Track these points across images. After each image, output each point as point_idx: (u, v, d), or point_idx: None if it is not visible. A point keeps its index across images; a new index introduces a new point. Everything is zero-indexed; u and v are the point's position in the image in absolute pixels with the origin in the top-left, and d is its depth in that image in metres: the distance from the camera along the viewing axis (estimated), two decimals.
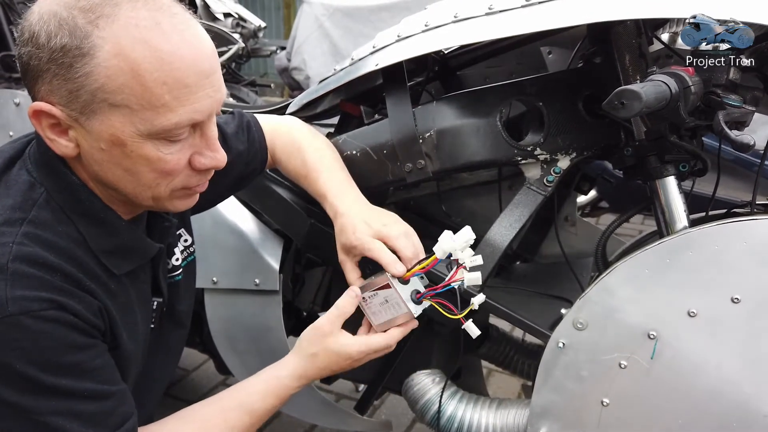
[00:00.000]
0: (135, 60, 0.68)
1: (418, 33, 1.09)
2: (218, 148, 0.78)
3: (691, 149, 0.96)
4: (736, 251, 0.86)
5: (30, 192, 0.76)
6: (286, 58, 4.74)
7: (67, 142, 0.74)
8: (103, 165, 0.75)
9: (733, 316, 0.86)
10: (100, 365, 0.76)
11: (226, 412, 0.89)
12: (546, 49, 1.30)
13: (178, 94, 0.70)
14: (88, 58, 0.68)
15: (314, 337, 0.94)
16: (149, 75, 0.68)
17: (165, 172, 0.75)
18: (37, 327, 0.69)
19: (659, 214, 1.01)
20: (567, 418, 0.99)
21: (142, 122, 0.70)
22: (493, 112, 1.10)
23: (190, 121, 0.73)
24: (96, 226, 0.78)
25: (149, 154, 0.73)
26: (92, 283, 0.76)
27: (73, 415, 0.73)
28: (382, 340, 0.94)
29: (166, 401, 1.09)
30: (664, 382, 0.91)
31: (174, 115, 0.71)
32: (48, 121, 0.73)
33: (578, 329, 0.95)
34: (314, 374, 0.94)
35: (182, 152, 0.75)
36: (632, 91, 0.74)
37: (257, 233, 1.31)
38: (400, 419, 2.03)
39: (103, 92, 0.69)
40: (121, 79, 0.68)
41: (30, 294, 0.69)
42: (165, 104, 0.70)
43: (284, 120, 1.19)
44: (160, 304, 0.93)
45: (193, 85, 0.71)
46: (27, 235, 0.72)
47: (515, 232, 1.08)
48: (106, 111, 0.70)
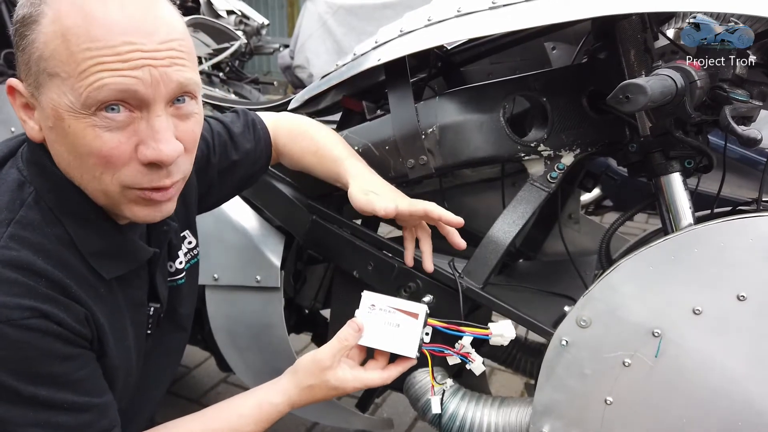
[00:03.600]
0: (66, 25, 0.65)
1: (420, 28, 1.08)
2: (164, 140, 0.69)
3: (696, 145, 0.95)
4: (742, 248, 0.85)
5: (19, 191, 0.74)
6: (289, 56, 4.73)
7: (33, 124, 0.72)
8: (54, 147, 0.72)
9: (739, 314, 0.85)
10: (83, 376, 0.73)
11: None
12: (550, 45, 1.29)
13: (103, 59, 0.65)
14: (35, 26, 0.67)
15: (314, 370, 0.91)
16: (75, 39, 0.65)
17: (102, 155, 0.68)
18: (17, 336, 0.66)
19: (664, 211, 1.00)
20: (570, 416, 0.98)
21: (71, 91, 0.66)
22: (496, 107, 1.09)
23: (116, 88, 0.65)
24: (84, 226, 0.75)
25: (85, 131, 0.67)
26: (79, 288, 0.73)
27: (51, 427, 0.70)
28: (378, 378, 0.92)
29: (168, 399, 1.09)
30: (668, 380, 0.90)
31: (97, 82, 0.65)
32: (20, 100, 0.71)
33: (581, 327, 0.94)
34: (307, 403, 0.92)
35: (123, 136, 0.68)
36: (637, 85, 0.73)
37: (258, 230, 1.31)
38: (402, 417, 2.02)
39: (42, 60, 0.67)
40: (53, 45, 0.66)
41: (11, 301, 0.66)
42: (87, 69, 0.65)
43: (285, 114, 1.19)
44: (158, 310, 0.90)
45: (125, 52, 0.65)
46: (13, 237, 0.70)
47: (518, 228, 1.07)
48: (47, 82, 0.67)
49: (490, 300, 1.05)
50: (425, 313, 0.92)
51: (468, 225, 1.46)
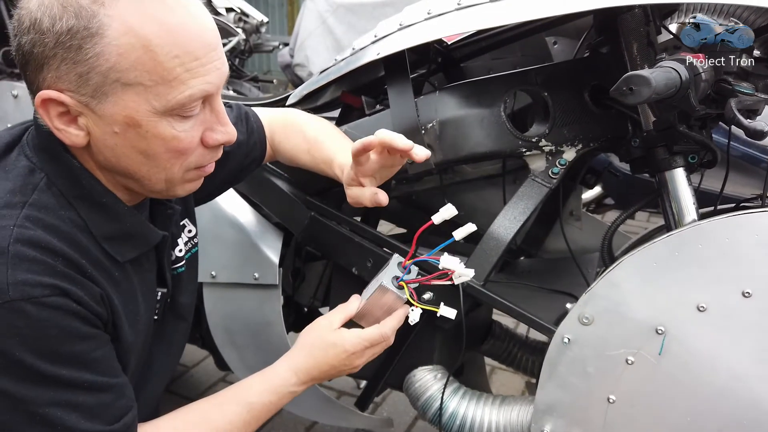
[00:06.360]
0: (145, 35, 0.67)
1: (420, 21, 1.07)
2: (228, 122, 0.78)
3: (700, 139, 0.94)
4: (747, 244, 0.83)
5: (30, 177, 0.74)
6: (289, 54, 4.71)
7: (77, 131, 0.72)
8: (116, 150, 0.73)
9: (745, 310, 0.84)
10: (100, 356, 0.74)
11: (223, 405, 0.89)
12: (551, 40, 1.27)
13: (190, 66, 0.69)
14: (98, 38, 0.66)
15: (311, 330, 0.95)
16: (161, 49, 0.67)
17: (179, 150, 0.74)
18: (38, 314, 0.67)
19: (667, 207, 0.99)
20: (572, 415, 0.96)
21: (157, 98, 0.69)
22: (497, 102, 1.08)
23: (202, 93, 0.72)
24: (97, 210, 0.76)
25: (164, 133, 0.72)
26: (95, 269, 0.74)
27: (72, 406, 0.71)
28: (375, 329, 0.93)
29: (166, 397, 1.08)
30: (672, 378, 0.89)
31: (187, 88, 0.70)
32: (57, 110, 0.71)
33: (584, 324, 0.93)
34: (310, 366, 0.93)
35: (195, 129, 0.75)
36: (641, 77, 0.72)
37: (256, 226, 1.29)
38: (402, 416, 2.01)
39: (115, 72, 0.67)
40: (134, 56, 0.67)
41: (32, 279, 0.67)
42: (177, 77, 0.69)
43: (281, 110, 1.18)
44: (164, 294, 0.91)
45: (203, 56, 0.70)
46: (28, 218, 0.70)
47: (519, 225, 1.06)
48: (119, 91, 0.69)
49: (491, 297, 1.04)
50: (394, 257, 0.97)
51: (469, 222, 1.45)
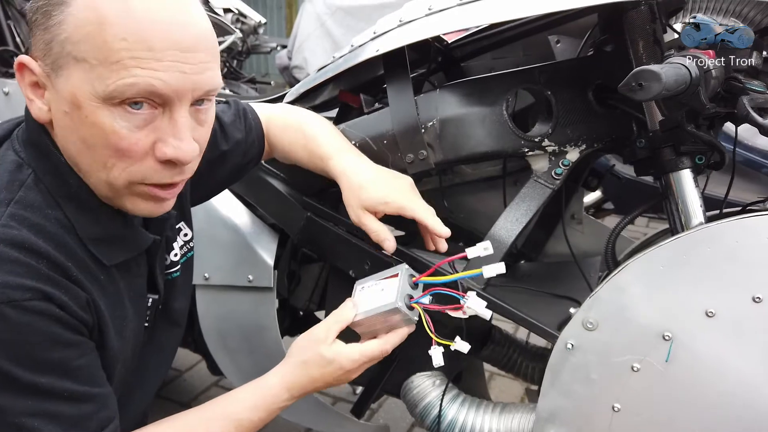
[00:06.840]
0: (103, 12, 0.64)
1: (420, 17, 1.04)
2: (185, 138, 0.69)
3: (708, 140, 0.91)
4: (757, 247, 0.81)
5: (17, 172, 0.72)
6: (287, 57, 4.70)
7: (42, 104, 0.70)
8: (65, 132, 0.70)
9: (755, 316, 0.81)
10: (83, 364, 0.71)
11: (210, 421, 0.84)
12: (554, 39, 1.25)
13: (138, 54, 0.63)
14: (64, 6, 0.65)
15: (306, 344, 0.89)
16: (111, 28, 0.63)
17: (120, 149, 0.67)
18: (18, 318, 0.63)
19: (673, 209, 0.96)
20: (575, 423, 0.93)
21: (98, 80, 0.64)
22: (499, 100, 1.05)
23: (148, 88, 0.64)
24: (83, 211, 0.73)
25: (104, 123, 0.66)
26: (81, 273, 0.71)
27: (50, 417, 0.67)
28: (376, 346, 0.89)
29: (158, 403, 1.05)
30: (679, 386, 0.86)
31: (129, 76, 0.63)
32: (30, 78, 0.69)
33: (588, 329, 0.90)
34: (305, 384, 0.88)
35: (143, 132, 0.68)
36: (652, 72, 0.69)
37: (251, 227, 1.26)
38: (399, 423, 1.98)
39: (69, 43, 0.65)
40: (86, 30, 0.64)
41: (13, 281, 0.64)
42: (120, 61, 0.63)
43: (279, 106, 1.16)
44: (156, 301, 0.88)
45: (160, 50, 0.64)
46: (13, 216, 0.68)
47: (521, 226, 1.03)
48: (71, 66, 0.65)
49: (492, 301, 1.01)
50: (405, 269, 0.92)
51: (468, 224, 1.43)
